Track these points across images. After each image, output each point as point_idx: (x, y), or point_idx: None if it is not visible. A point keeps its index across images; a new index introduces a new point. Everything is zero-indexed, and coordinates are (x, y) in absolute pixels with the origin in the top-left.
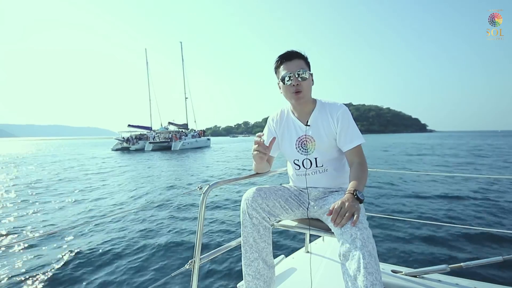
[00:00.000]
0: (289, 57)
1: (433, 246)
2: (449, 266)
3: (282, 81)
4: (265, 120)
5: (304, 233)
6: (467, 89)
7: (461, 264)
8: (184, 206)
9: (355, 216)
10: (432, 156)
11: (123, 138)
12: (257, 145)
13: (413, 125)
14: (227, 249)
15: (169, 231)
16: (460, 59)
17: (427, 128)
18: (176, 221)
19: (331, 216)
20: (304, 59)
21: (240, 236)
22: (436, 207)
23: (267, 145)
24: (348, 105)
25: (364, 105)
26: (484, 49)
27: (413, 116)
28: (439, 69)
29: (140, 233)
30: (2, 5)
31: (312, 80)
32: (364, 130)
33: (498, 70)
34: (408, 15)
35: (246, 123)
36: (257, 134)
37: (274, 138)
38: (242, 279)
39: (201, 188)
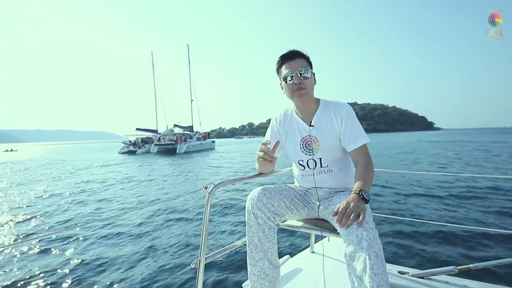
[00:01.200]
0: (290, 57)
1: (441, 247)
2: (457, 267)
3: (284, 81)
4: (270, 121)
5: (309, 233)
6: (474, 86)
7: (470, 265)
8: (189, 205)
9: (361, 216)
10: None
11: (130, 141)
12: (262, 153)
13: (419, 123)
14: (232, 249)
15: (175, 230)
16: (464, 57)
17: (434, 126)
18: (181, 220)
19: (337, 217)
20: (306, 58)
21: (245, 236)
22: (443, 207)
23: (271, 148)
24: (353, 104)
25: (369, 104)
26: (489, 47)
27: (420, 114)
28: (444, 67)
29: (145, 233)
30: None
31: (315, 79)
32: (369, 129)
33: (504, 67)
34: (410, 14)
35: (250, 124)
36: (262, 142)
37: (278, 142)
38: (247, 279)
39: (206, 188)
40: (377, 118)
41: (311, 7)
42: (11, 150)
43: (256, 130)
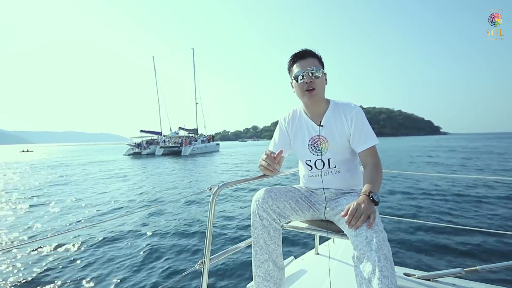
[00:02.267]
0: (302, 56)
1: (448, 249)
2: (464, 269)
3: (295, 79)
4: (274, 124)
5: (314, 235)
6: (479, 89)
7: (477, 267)
8: (193, 206)
9: (371, 218)
10: None
11: (135, 143)
12: (266, 163)
13: (425, 128)
14: (236, 250)
15: (179, 231)
16: (468, 59)
17: (441, 130)
18: (186, 221)
19: (346, 217)
20: (318, 58)
21: (250, 237)
22: (451, 208)
23: (276, 151)
24: None
25: (374, 107)
26: (492, 48)
27: (426, 119)
28: (448, 69)
29: (150, 234)
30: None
31: (326, 79)
32: (375, 133)
33: (508, 68)
34: (413, 16)
35: (255, 127)
36: (266, 152)
37: (281, 151)
38: (252, 280)
39: (210, 189)
40: (383, 122)
41: (314, 10)
42: (27, 151)
43: (260, 133)
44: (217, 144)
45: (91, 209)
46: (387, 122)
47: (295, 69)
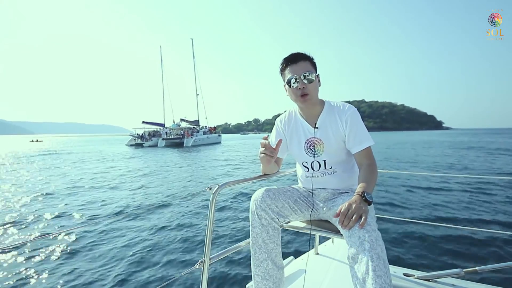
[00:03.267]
0: (294, 60)
1: (447, 249)
2: (464, 270)
3: (288, 84)
4: (276, 117)
5: (314, 235)
6: (480, 85)
7: (476, 268)
8: (193, 206)
9: (362, 218)
10: None
11: (137, 134)
12: (263, 148)
13: (428, 122)
14: (236, 250)
15: (179, 231)
16: (468, 56)
17: (443, 125)
18: (185, 221)
19: (339, 218)
20: (310, 60)
21: (249, 237)
22: (450, 208)
23: (274, 147)
24: (361, 102)
25: (377, 101)
26: (492, 46)
27: (428, 113)
28: (448, 66)
29: (149, 233)
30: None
31: (319, 81)
32: (377, 128)
33: (508, 66)
34: (413, 13)
35: (256, 121)
36: (263, 137)
37: (281, 140)
38: (252, 280)
39: (210, 189)
40: (385, 116)
41: (317, 7)
42: (37, 141)
43: (261, 126)
44: (219, 135)
45: (87, 207)
46: (389, 116)
47: (287, 74)
